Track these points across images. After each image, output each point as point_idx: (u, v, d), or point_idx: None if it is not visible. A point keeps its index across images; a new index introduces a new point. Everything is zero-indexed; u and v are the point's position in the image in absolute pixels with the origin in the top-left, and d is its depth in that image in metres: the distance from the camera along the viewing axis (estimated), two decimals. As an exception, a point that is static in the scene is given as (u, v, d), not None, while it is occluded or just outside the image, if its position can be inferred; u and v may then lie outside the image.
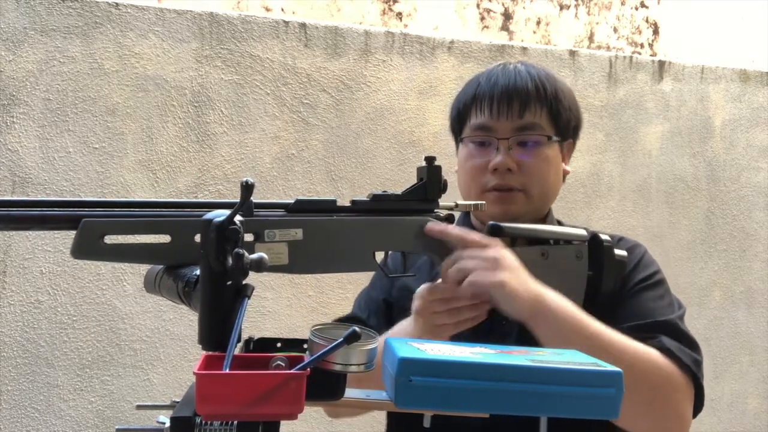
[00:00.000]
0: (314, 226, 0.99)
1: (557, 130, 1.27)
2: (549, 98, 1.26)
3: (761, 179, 3.02)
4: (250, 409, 0.66)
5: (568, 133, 1.31)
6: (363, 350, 0.78)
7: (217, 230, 0.74)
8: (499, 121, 1.25)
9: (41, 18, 2.14)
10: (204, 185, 2.30)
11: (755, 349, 2.99)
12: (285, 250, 0.97)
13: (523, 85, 1.25)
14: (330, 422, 2.40)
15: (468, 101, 1.30)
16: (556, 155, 1.28)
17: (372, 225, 1.04)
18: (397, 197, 1.07)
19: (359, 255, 1.03)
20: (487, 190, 1.25)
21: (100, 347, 2.20)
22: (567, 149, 1.32)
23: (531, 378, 0.84)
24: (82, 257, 0.89)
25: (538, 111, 1.25)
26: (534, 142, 1.25)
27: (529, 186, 1.25)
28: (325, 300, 2.42)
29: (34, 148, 2.15)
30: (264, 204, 0.99)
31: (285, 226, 0.97)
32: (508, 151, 1.24)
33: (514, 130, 1.25)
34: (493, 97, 1.25)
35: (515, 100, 1.24)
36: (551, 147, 1.27)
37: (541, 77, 1.27)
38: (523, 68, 1.29)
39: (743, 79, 3.00)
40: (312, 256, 0.99)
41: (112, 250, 0.89)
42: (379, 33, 2.50)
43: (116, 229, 0.89)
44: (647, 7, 3.05)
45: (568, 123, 1.29)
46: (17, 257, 2.14)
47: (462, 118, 1.32)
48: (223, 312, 0.75)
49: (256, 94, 2.36)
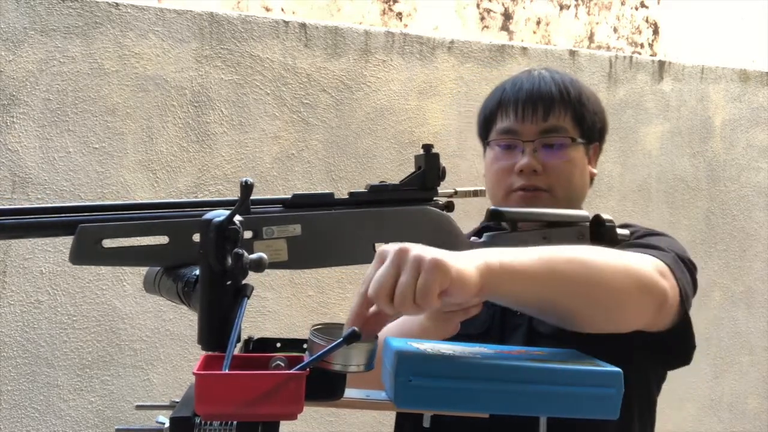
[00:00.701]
0: (312, 221, 0.98)
1: (582, 133, 1.31)
2: (573, 102, 1.29)
3: (761, 179, 3.02)
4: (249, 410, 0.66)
5: (594, 136, 1.34)
6: (363, 350, 0.78)
7: (216, 230, 0.74)
8: (524, 124, 1.28)
9: (41, 18, 2.14)
10: (204, 185, 2.30)
11: (755, 349, 2.99)
12: (284, 246, 0.96)
13: (547, 90, 1.29)
14: (330, 422, 2.40)
15: (494, 106, 1.33)
16: (581, 157, 1.31)
17: (371, 216, 1.03)
18: (395, 187, 1.06)
19: (359, 247, 1.02)
20: (513, 191, 1.28)
21: (100, 347, 2.20)
22: (593, 152, 1.35)
23: (530, 378, 0.85)
24: (81, 263, 0.89)
25: (562, 114, 1.29)
26: (559, 144, 1.28)
27: (554, 187, 1.27)
28: (325, 300, 2.42)
29: (34, 148, 2.15)
30: (261, 200, 0.98)
31: (283, 222, 0.97)
32: (533, 153, 1.27)
33: (539, 132, 1.28)
34: (518, 102, 1.29)
35: (539, 104, 1.28)
36: (576, 149, 1.30)
37: (565, 82, 1.31)
38: (548, 74, 1.33)
39: (743, 79, 3.00)
40: (311, 250, 0.98)
41: (111, 254, 0.89)
42: (379, 33, 2.50)
43: (113, 232, 0.89)
44: (647, 7, 3.05)
45: (593, 126, 1.33)
46: (17, 257, 2.14)
47: (488, 123, 1.35)
48: (222, 312, 0.75)
49: (256, 94, 2.36)
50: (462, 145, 2.57)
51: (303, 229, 0.97)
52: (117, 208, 0.92)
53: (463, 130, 2.57)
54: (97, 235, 0.88)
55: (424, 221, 1.07)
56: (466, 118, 2.58)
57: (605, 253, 1.01)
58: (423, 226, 1.06)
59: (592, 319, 1.02)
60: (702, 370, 2.89)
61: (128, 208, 0.92)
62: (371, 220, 1.03)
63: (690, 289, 1.15)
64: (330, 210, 1.01)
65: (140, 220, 0.91)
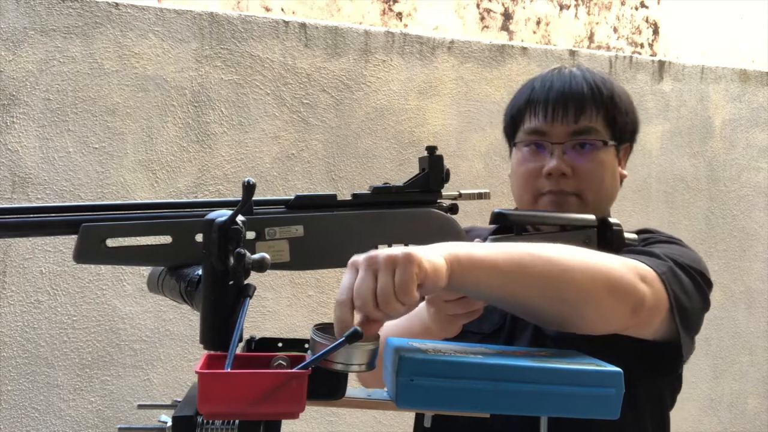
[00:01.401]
0: (315, 222, 0.98)
1: (613, 134, 1.25)
2: (605, 102, 1.24)
3: (761, 179, 3.02)
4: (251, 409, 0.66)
5: (625, 137, 1.29)
6: (364, 350, 0.78)
7: (219, 230, 0.74)
8: (554, 125, 1.22)
9: (41, 18, 2.14)
10: (204, 185, 2.30)
11: (755, 349, 2.99)
12: (286, 247, 0.96)
13: (579, 89, 1.23)
14: (330, 422, 2.40)
15: (522, 105, 1.27)
16: (611, 160, 1.25)
17: (374, 218, 1.02)
18: (398, 189, 1.05)
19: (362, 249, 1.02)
20: (541, 195, 1.23)
21: (100, 347, 2.20)
22: (624, 153, 1.30)
23: (531, 378, 0.85)
24: (85, 262, 0.89)
25: (593, 115, 1.23)
26: (590, 146, 1.23)
27: (584, 190, 1.22)
28: (325, 300, 2.42)
29: (34, 148, 2.15)
30: (264, 201, 0.98)
31: (285, 224, 0.97)
32: (562, 155, 1.21)
33: (569, 134, 1.22)
34: (548, 101, 1.23)
35: (570, 104, 1.22)
36: (607, 151, 1.24)
37: (597, 81, 1.25)
38: (579, 72, 1.26)
39: (743, 79, 3.00)
40: (313, 252, 0.98)
41: (114, 254, 0.89)
42: (379, 33, 2.50)
43: (116, 232, 0.89)
44: (647, 7, 3.05)
45: (625, 127, 1.27)
46: (17, 257, 2.14)
47: (516, 123, 1.29)
48: (225, 312, 0.75)
49: (256, 94, 2.36)
50: (462, 145, 2.57)
51: (305, 230, 0.97)
52: (120, 207, 0.92)
53: (463, 130, 2.58)
54: (101, 235, 0.88)
55: (428, 223, 1.06)
56: (466, 118, 2.58)
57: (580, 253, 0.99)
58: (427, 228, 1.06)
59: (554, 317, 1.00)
60: (702, 370, 2.90)
61: (131, 207, 0.93)
62: (374, 222, 1.02)
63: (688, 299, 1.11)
64: (333, 211, 1.01)
65: (143, 219, 0.91)
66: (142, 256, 0.90)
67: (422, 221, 1.06)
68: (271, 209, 0.98)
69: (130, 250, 0.90)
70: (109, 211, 0.91)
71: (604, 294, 0.98)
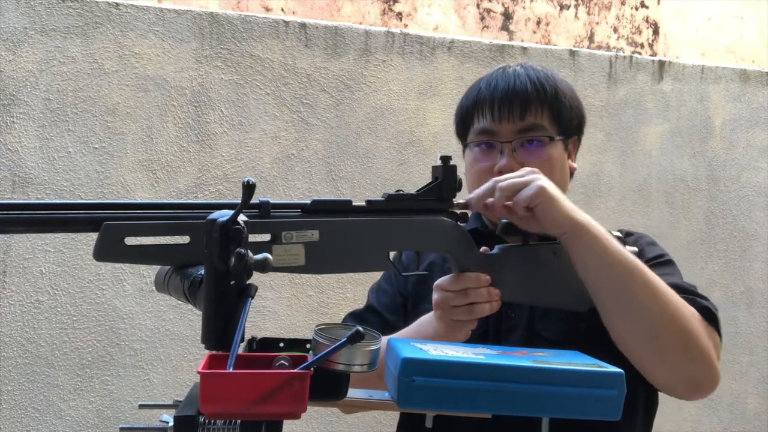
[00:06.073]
0: (330, 228, 1.00)
1: (560, 129, 1.29)
2: (549, 98, 1.27)
3: (761, 179, 3.02)
4: (253, 409, 0.66)
5: (572, 131, 1.32)
6: (366, 350, 0.78)
7: (220, 230, 0.74)
8: (501, 125, 1.26)
9: (41, 18, 2.14)
10: (204, 185, 2.30)
11: (755, 349, 2.99)
12: (302, 251, 0.97)
13: (523, 88, 1.26)
14: (331, 422, 2.40)
15: (470, 106, 1.31)
16: (560, 154, 1.29)
17: (387, 225, 1.04)
18: (411, 197, 1.08)
19: (374, 255, 1.04)
20: None
21: (100, 347, 2.20)
22: (572, 146, 1.34)
23: (533, 379, 0.85)
24: (105, 259, 0.91)
25: (539, 112, 1.26)
26: (537, 143, 1.26)
27: None
28: (325, 300, 2.42)
29: (34, 148, 2.14)
30: (281, 204, 1.00)
31: (302, 228, 0.98)
32: (512, 153, 1.25)
33: (517, 132, 1.26)
34: (494, 101, 1.27)
35: (515, 103, 1.26)
36: (555, 146, 1.28)
37: (540, 78, 1.28)
38: (522, 71, 1.30)
39: (743, 79, 3.00)
40: (328, 256, 0.99)
41: (133, 252, 0.91)
42: (379, 33, 2.50)
43: (137, 231, 0.91)
44: (647, 7, 3.05)
45: (571, 121, 1.31)
46: (17, 257, 2.13)
47: (466, 124, 1.33)
48: (226, 311, 0.75)
49: (256, 94, 2.35)
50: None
51: (321, 234, 0.99)
52: (140, 206, 0.94)
53: (463, 130, 2.57)
54: (121, 233, 0.90)
55: (439, 232, 1.08)
56: (466, 118, 2.58)
57: (674, 297, 1.11)
58: (438, 236, 1.08)
59: (623, 336, 1.08)
60: (702, 370, 2.89)
61: (151, 207, 0.94)
62: (387, 229, 1.04)
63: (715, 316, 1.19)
64: (347, 217, 1.02)
65: (162, 219, 0.92)
66: (160, 255, 0.92)
67: (434, 229, 1.08)
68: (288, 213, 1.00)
69: (148, 249, 0.91)
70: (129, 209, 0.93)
71: (679, 350, 1.10)
